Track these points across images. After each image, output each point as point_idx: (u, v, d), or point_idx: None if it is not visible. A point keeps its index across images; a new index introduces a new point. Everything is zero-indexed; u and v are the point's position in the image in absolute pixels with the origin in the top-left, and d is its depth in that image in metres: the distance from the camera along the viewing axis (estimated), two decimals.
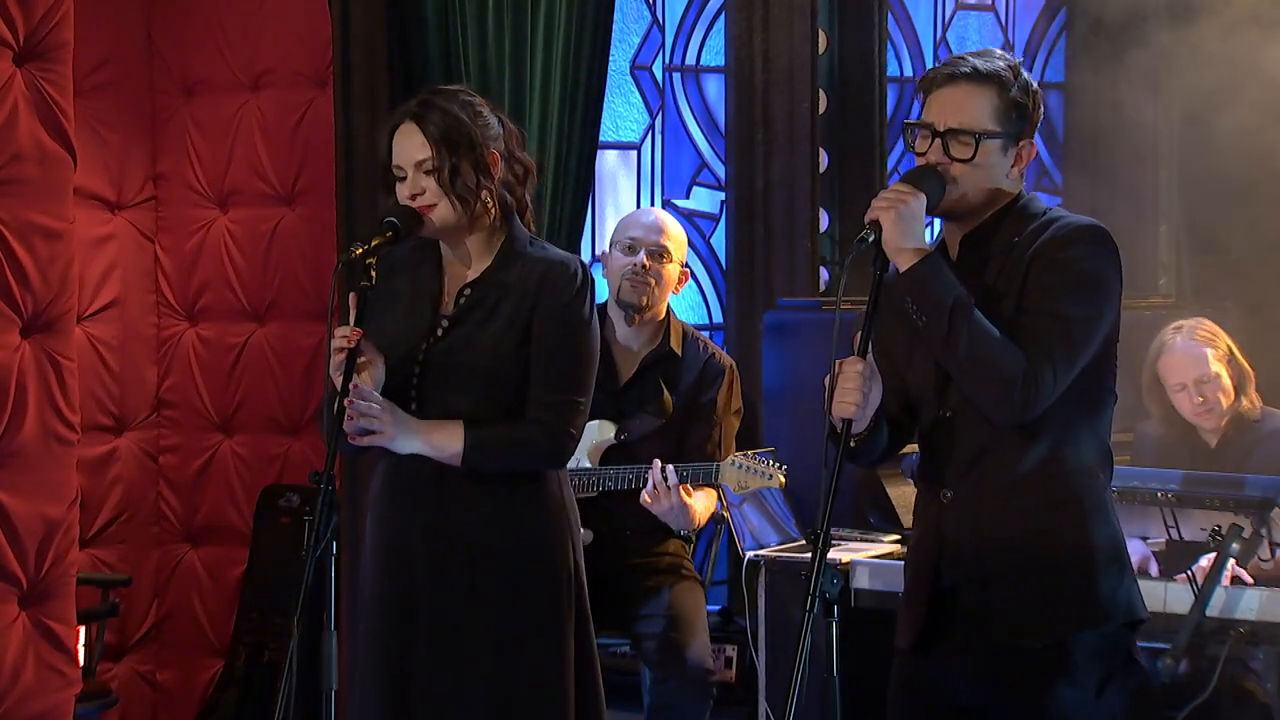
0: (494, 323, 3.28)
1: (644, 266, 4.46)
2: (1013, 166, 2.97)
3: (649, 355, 4.48)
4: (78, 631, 4.49)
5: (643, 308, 4.47)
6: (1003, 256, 2.96)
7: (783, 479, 4.29)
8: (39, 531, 4.02)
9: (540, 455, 3.29)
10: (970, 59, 2.97)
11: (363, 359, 3.16)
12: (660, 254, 4.49)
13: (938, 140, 2.94)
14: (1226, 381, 4.49)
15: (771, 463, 4.31)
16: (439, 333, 3.29)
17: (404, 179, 3.26)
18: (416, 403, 3.27)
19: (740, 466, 4.30)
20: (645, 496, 4.28)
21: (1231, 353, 4.52)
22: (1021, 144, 2.97)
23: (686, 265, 4.62)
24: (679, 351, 4.50)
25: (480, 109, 3.30)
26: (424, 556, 3.27)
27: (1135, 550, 4.27)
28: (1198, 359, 4.47)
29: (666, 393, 4.47)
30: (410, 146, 3.24)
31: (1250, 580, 4.02)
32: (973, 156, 2.92)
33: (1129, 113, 6.48)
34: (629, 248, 4.49)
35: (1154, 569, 4.23)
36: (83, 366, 4.42)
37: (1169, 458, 4.51)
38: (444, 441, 3.23)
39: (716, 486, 4.42)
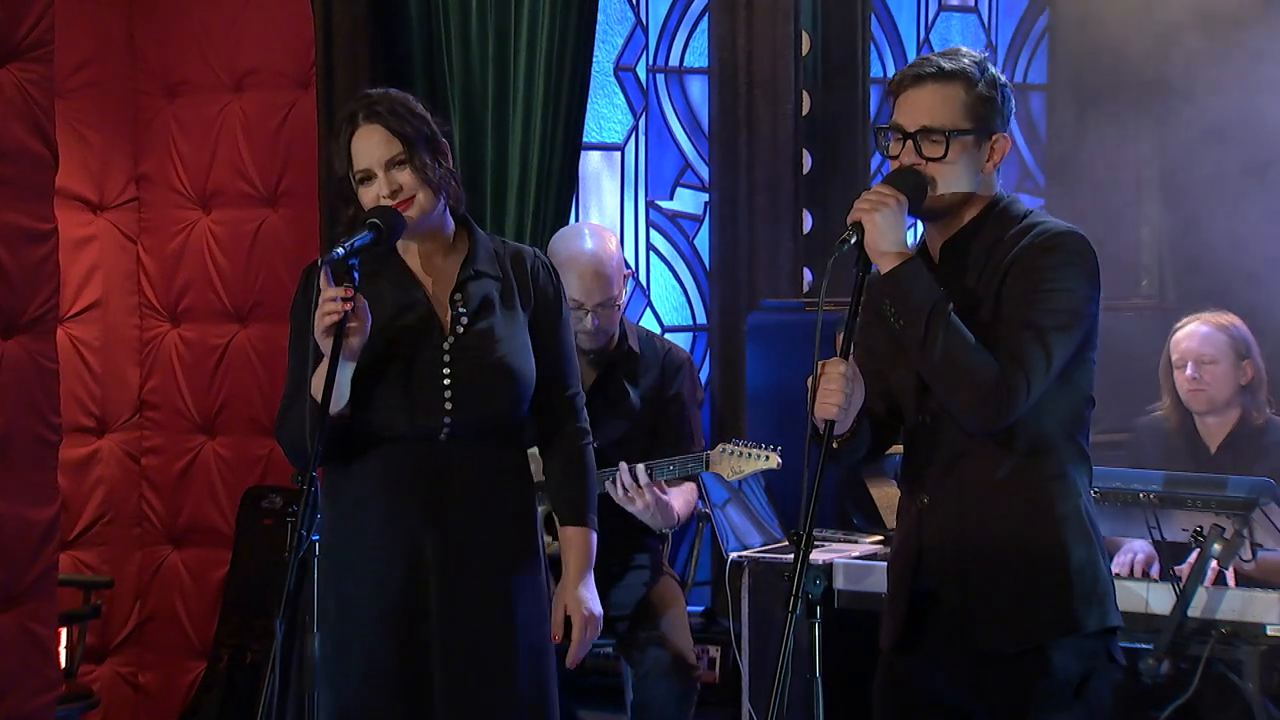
0: (507, 317, 3.29)
1: (596, 326, 4.33)
2: (987, 161, 2.97)
3: (609, 358, 4.45)
4: (59, 633, 4.49)
5: (604, 350, 4.41)
6: (983, 260, 2.96)
7: (778, 459, 4.23)
8: (20, 533, 4.01)
9: (589, 454, 3.43)
10: (935, 59, 2.98)
11: (353, 324, 3.12)
12: (609, 303, 4.36)
13: (909, 142, 2.95)
14: (1228, 373, 4.47)
15: (765, 445, 4.26)
16: (460, 330, 3.27)
17: (372, 180, 3.24)
18: (451, 403, 3.24)
19: (732, 453, 4.25)
20: (619, 499, 4.24)
21: (1249, 351, 4.50)
22: (994, 137, 2.97)
23: (627, 265, 4.56)
24: (637, 349, 4.48)
25: (417, 103, 3.30)
26: (435, 563, 3.24)
27: (1140, 549, 4.28)
28: (1205, 339, 4.49)
29: (632, 393, 4.45)
30: (375, 145, 3.23)
31: (1233, 582, 4.03)
32: (944, 155, 2.93)
33: (1110, 114, 6.49)
34: (575, 308, 4.27)
35: (1155, 569, 4.24)
36: (64, 368, 4.41)
37: (1171, 457, 4.52)
38: (590, 553, 3.39)
39: (698, 479, 4.39)
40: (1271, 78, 5.55)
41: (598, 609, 3.39)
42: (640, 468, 4.21)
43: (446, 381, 3.24)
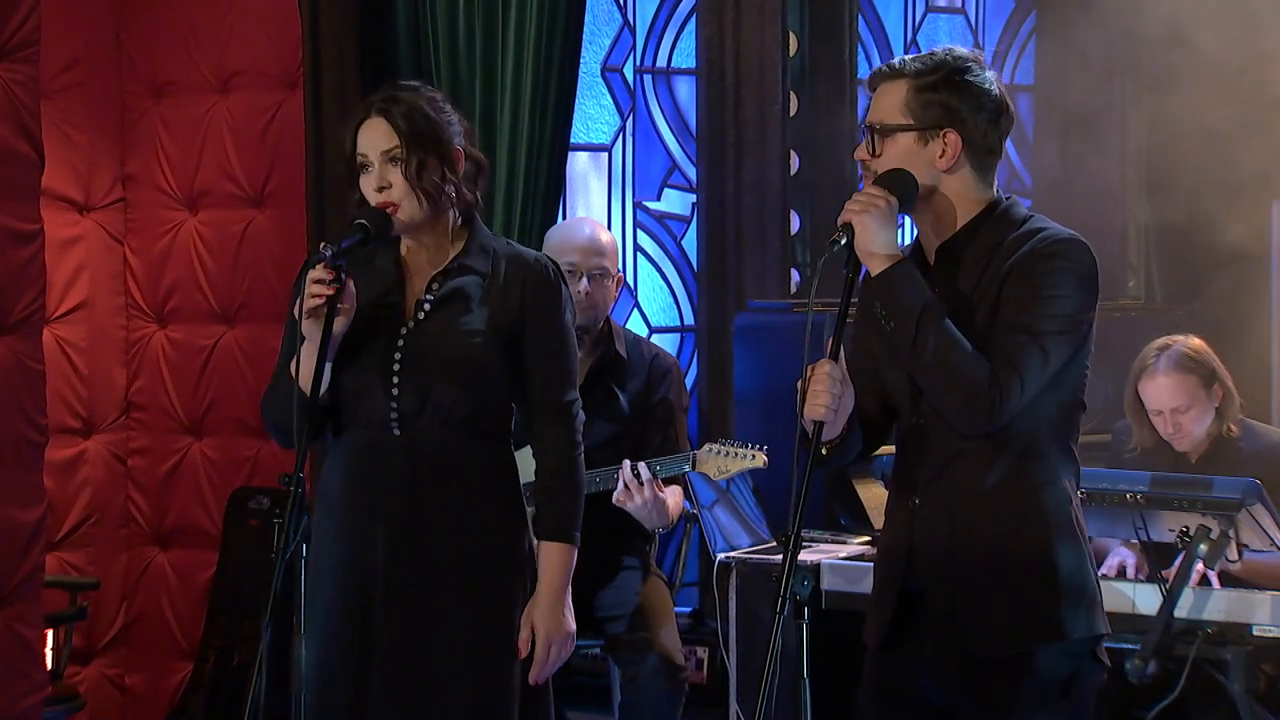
0: (477, 312, 3.26)
1: (588, 293, 4.36)
2: (940, 157, 2.95)
3: (596, 361, 4.45)
4: (45, 635, 4.48)
5: (592, 329, 4.43)
6: (981, 264, 2.95)
7: (764, 458, 4.24)
8: (6, 534, 4.00)
9: (580, 466, 3.33)
10: (895, 60, 3.00)
11: (342, 305, 3.14)
12: (602, 275, 4.40)
13: (863, 141, 3.00)
14: (1203, 409, 4.41)
15: (750, 445, 4.26)
16: (420, 316, 3.27)
17: (370, 169, 3.25)
18: (398, 389, 3.24)
19: (719, 452, 4.26)
20: (618, 496, 4.25)
21: (1215, 375, 4.42)
22: (944, 133, 2.94)
23: (620, 269, 4.58)
24: (624, 354, 4.49)
25: (443, 105, 3.29)
26: (385, 561, 3.24)
27: (1126, 553, 4.28)
28: (1174, 390, 4.40)
29: (619, 397, 4.45)
30: (376, 136, 3.23)
31: (1218, 584, 4.03)
32: (874, 151, 2.95)
33: (1098, 115, 6.51)
34: (569, 273, 4.31)
35: (1143, 571, 4.24)
36: (51, 369, 4.40)
37: (1151, 465, 4.51)
38: (567, 570, 3.29)
39: (684, 480, 4.40)
40: (1265, 75, 5.57)
41: (569, 626, 3.30)
42: (641, 465, 4.22)
43: (395, 368, 3.24)
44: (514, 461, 3.36)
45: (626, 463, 4.24)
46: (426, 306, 3.27)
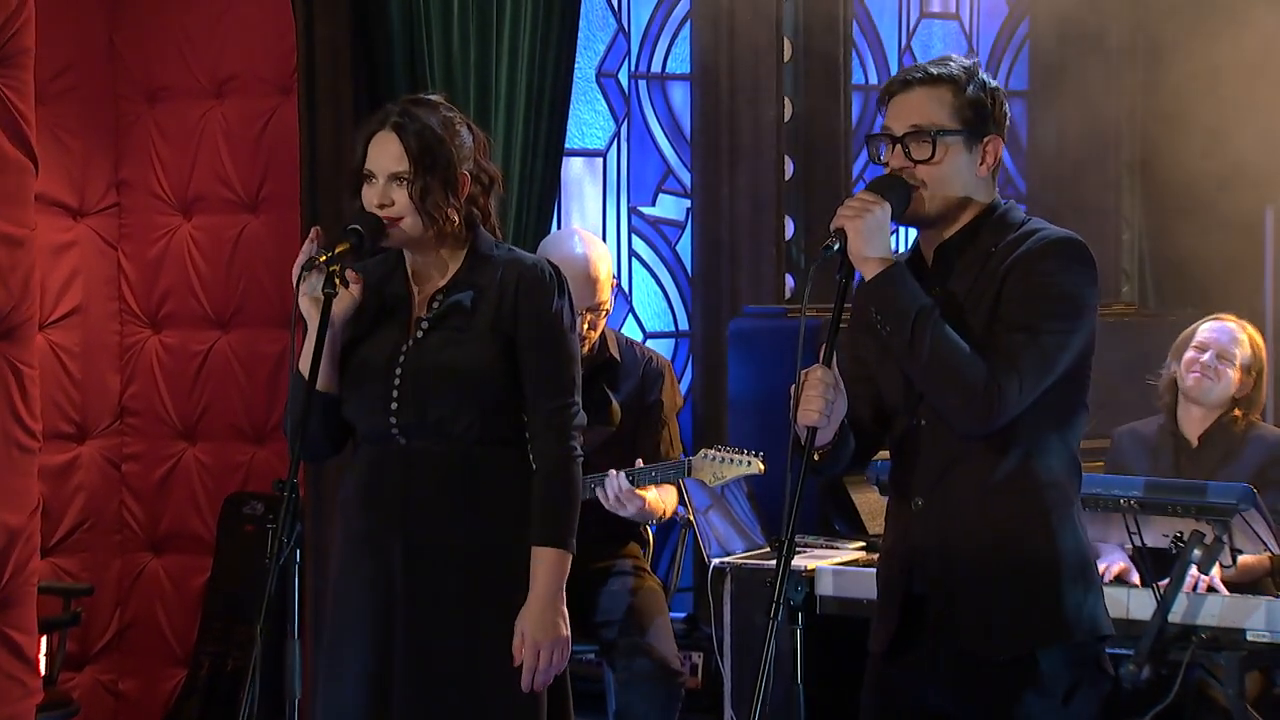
0: (475, 325, 3.28)
1: (581, 328, 4.30)
2: (980, 164, 2.97)
3: (590, 365, 4.44)
4: (39, 640, 4.47)
5: (587, 352, 4.41)
6: (979, 265, 2.95)
7: (761, 465, 4.23)
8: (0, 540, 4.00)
9: (574, 472, 3.30)
10: (924, 65, 2.99)
11: (353, 281, 3.21)
12: (596, 308, 4.37)
13: (898, 146, 2.95)
14: (1233, 382, 4.55)
15: (747, 450, 4.25)
16: (419, 334, 3.29)
17: (374, 183, 3.26)
18: (397, 403, 3.25)
19: (714, 459, 4.25)
20: (610, 506, 4.26)
21: (1256, 368, 4.60)
22: (986, 141, 2.96)
23: (614, 275, 4.55)
24: (618, 356, 4.48)
25: (458, 126, 3.30)
26: (402, 568, 3.25)
27: (1118, 557, 4.29)
28: (1232, 339, 4.59)
29: (613, 400, 4.45)
30: (386, 155, 3.24)
31: (1225, 592, 4.04)
32: (932, 155, 2.93)
33: (1092, 120, 6.52)
34: None
35: (1134, 576, 4.25)
36: (44, 374, 4.40)
37: (1153, 450, 4.56)
38: (559, 576, 3.26)
39: (679, 484, 4.39)
40: (1257, 80, 5.58)
41: (562, 632, 3.28)
42: (621, 476, 4.22)
43: (396, 382, 3.26)
44: (520, 467, 3.35)
45: (612, 473, 4.23)
46: (425, 324, 3.29)
